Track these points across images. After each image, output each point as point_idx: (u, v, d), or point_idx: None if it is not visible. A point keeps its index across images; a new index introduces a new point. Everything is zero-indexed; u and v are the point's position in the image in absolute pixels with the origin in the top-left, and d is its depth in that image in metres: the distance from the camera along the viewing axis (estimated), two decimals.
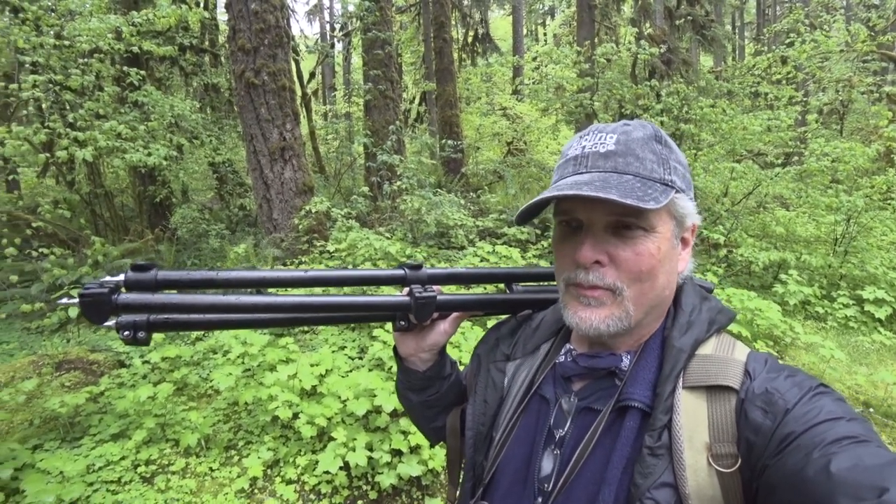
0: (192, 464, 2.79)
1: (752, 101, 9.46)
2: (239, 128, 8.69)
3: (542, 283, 0.90)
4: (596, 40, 8.92)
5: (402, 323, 0.78)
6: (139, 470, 2.70)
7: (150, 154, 5.98)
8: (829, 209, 6.19)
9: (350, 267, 4.60)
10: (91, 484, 2.56)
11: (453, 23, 14.86)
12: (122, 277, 0.64)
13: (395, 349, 0.89)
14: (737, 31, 24.80)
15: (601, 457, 0.62)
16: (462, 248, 5.73)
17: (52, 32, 5.24)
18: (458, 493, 0.83)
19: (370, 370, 3.23)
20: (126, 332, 0.64)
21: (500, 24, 25.71)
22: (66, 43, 4.94)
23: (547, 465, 0.67)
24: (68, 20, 5.37)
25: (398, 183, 5.58)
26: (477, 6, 16.50)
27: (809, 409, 0.54)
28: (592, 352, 0.70)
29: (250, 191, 8.66)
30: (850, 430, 0.50)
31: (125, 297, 0.62)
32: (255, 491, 2.64)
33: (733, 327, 3.77)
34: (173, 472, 2.72)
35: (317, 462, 2.66)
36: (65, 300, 0.66)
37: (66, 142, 4.77)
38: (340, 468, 2.61)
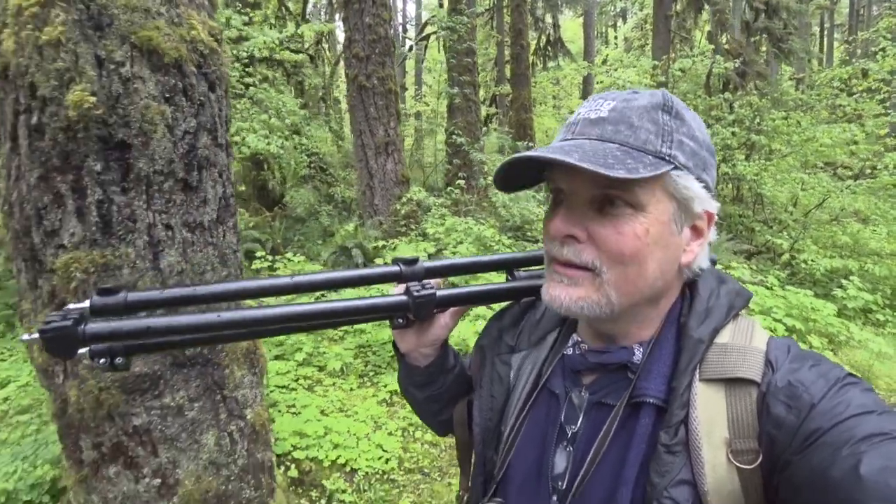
0: (338, 383, 3.66)
1: (829, 113, 9.44)
2: (332, 123, 9.78)
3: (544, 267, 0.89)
4: (671, 52, 9.27)
5: (401, 321, 0.74)
6: (299, 382, 3.58)
7: (269, 143, 7.08)
8: None
9: (444, 248, 5.38)
10: (266, 386, 3.46)
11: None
12: (87, 304, 0.60)
13: (394, 345, 0.85)
14: (826, 32, 23.46)
15: (617, 455, 0.60)
16: (537, 240, 6.40)
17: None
18: (469, 483, 0.81)
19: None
20: (102, 360, 0.60)
21: (568, 25, 25.88)
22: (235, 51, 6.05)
23: (560, 462, 0.65)
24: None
25: (489, 178, 6.34)
26: (550, 11, 16.99)
27: (837, 402, 0.51)
28: (601, 346, 0.67)
29: (339, 181, 9.76)
30: (881, 425, 0.48)
31: (92, 326, 0.57)
32: (394, 403, 3.46)
33: (780, 315, 4.20)
34: (325, 387, 3.59)
35: None
36: (25, 336, 0.59)
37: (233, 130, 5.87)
38: None
